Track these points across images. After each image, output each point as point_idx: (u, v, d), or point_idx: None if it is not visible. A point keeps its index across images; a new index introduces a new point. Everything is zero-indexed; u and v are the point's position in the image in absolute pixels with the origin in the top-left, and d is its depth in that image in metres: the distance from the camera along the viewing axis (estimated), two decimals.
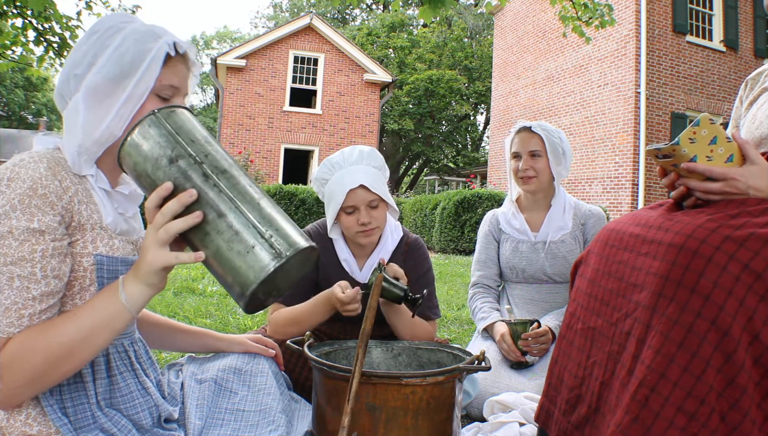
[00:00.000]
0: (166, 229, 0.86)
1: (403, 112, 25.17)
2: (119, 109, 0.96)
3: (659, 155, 1.06)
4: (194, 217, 0.85)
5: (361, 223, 1.56)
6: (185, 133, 0.90)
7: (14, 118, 34.21)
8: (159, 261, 0.88)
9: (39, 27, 4.44)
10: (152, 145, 0.88)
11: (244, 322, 2.91)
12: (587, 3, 5.21)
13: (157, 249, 0.88)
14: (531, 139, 1.99)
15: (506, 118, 14.96)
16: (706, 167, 1.00)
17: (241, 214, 0.85)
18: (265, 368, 1.32)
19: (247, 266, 0.83)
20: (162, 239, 0.87)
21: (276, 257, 0.83)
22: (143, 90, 0.97)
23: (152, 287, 0.92)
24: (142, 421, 1.05)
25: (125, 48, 0.96)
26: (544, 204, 2.07)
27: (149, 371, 1.13)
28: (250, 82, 15.21)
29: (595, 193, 11.62)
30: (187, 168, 0.87)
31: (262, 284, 0.83)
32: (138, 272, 0.91)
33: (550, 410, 1.15)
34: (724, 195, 1.01)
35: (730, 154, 1.02)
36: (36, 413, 0.94)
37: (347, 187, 1.53)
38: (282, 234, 0.86)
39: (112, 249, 0.98)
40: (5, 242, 0.86)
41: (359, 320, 1.41)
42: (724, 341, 0.84)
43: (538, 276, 2.03)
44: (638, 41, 10.87)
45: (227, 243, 0.84)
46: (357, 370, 1.05)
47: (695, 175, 1.03)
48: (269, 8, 43.34)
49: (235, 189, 0.87)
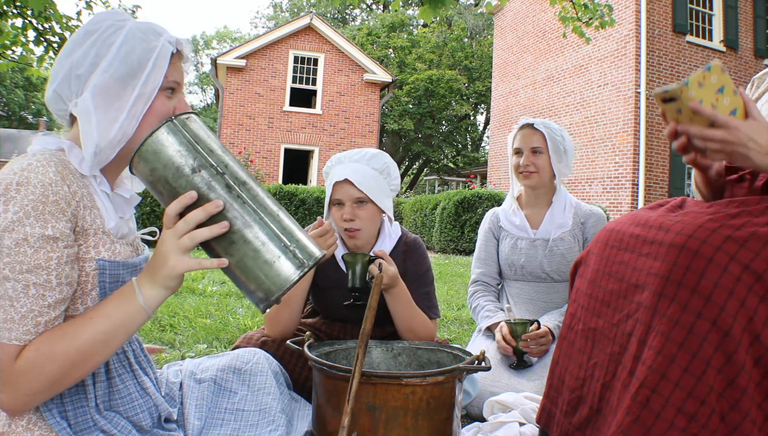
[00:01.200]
0: (192, 237, 0.89)
1: (403, 112, 25.17)
2: (130, 108, 0.96)
3: (665, 99, 1.04)
4: (221, 226, 0.88)
5: (343, 218, 1.59)
6: (203, 143, 0.92)
7: (14, 118, 34.23)
8: (181, 267, 0.90)
9: (39, 27, 4.44)
10: (173, 153, 0.90)
11: (244, 322, 2.91)
12: (587, 3, 5.21)
13: (180, 255, 0.90)
14: (533, 135, 2.01)
15: (506, 118, 14.96)
16: (711, 112, 0.99)
17: (266, 226, 0.90)
18: (265, 368, 1.32)
19: (274, 274, 0.89)
20: (185, 246, 0.89)
21: (300, 266, 0.90)
22: (152, 88, 0.97)
23: (170, 290, 0.94)
24: (142, 422, 1.05)
25: (131, 47, 0.96)
26: (545, 201, 2.08)
27: (147, 368, 1.13)
28: (250, 82, 15.21)
29: (595, 193, 11.62)
30: (211, 178, 0.90)
31: (285, 291, 0.89)
32: (156, 275, 0.92)
33: (552, 411, 1.15)
34: (722, 144, 0.99)
35: (734, 108, 1.01)
36: (36, 418, 0.94)
37: (334, 179, 1.59)
38: (302, 245, 0.92)
39: (114, 254, 0.98)
40: (21, 249, 0.85)
41: (359, 320, 1.41)
42: (725, 342, 0.84)
43: (536, 273, 2.03)
44: (638, 41, 10.87)
45: (254, 253, 0.89)
46: (357, 370, 1.05)
47: (698, 121, 1.01)
48: (269, 8, 43.36)
49: (256, 200, 0.91)
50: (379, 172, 1.63)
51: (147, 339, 2.50)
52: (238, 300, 3.61)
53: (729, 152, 0.99)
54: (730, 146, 0.98)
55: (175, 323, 2.82)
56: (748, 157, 0.98)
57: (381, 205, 1.60)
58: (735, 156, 0.99)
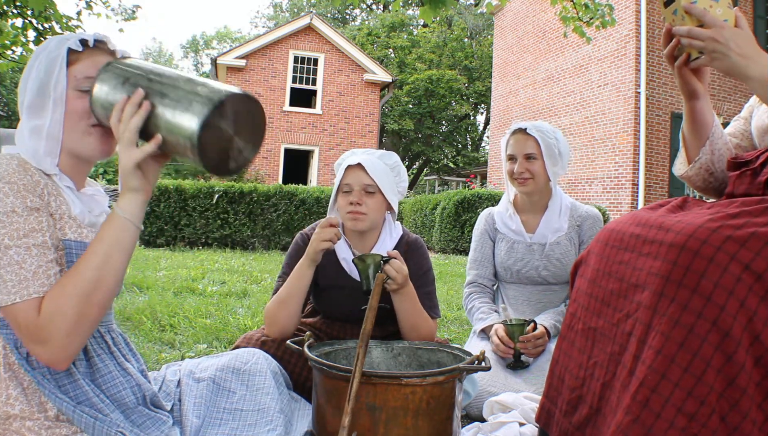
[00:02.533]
0: (128, 128, 0.98)
1: (403, 112, 25.17)
2: (52, 115, 1.06)
3: (666, 1, 1.13)
4: (144, 107, 0.98)
5: (350, 202, 1.60)
6: (133, 65, 1.05)
7: (14, 118, 34.13)
8: (131, 159, 0.99)
9: (39, 27, 4.43)
10: (108, 83, 1.03)
11: (244, 322, 2.91)
12: (588, 3, 5.21)
13: (128, 151, 0.99)
14: (526, 141, 1.98)
15: (506, 118, 14.96)
16: (701, 11, 1.07)
17: (179, 88, 0.97)
18: (264, 368, 1.32)
19: (189, 119, 0.94)
20: (128, 139, 0.98)
21: (209, 101, 0.94)
22: (61, 90, 1.06)
23: (137, 191, 1.02)
24: (125, 399, 1.08)
25: (40, 61, 1.06)
26: (541, 205, 2.07)
27: (129, 357, 1.16)
28: (250, 82, 15.21)
29: (595, 193, 11.61)
30: (136, 80, 1.01)
31: (203, 127, 0.93)
32: (121, 185, 1.02)
33: (551, 410, 1.15)
34: (706, 42, 1.05)
35: (725, 19, 1.08)
36: (17, 393, 0.98)
37: (346, 163, 1.64)
38: (213, 88, 0.96)
39: (81, 236, 1.05)
40: (12, 219, 0.94)
41: (359, 320, 1.41)
42: (725, 342, 0.84)
43: (532, 277, 2.03)
44: (638, 41, 10.87)
45: (172, 114, 0.96)
46: (357, 370, 1.05)
47: (690, 20, 1.09)
48: (269, 8, 43.35)
49: (172, 77, 1.01)
50: (390, 168, 1.67)
51: (147, 339, 2.50)
52: (238, 300, 3.61)
53: (711, 51, 1.06)
54: (713, 44, 1.05)
55: (175, 323, 2.82)
56: (728, 57, 1.04)
57: (388, 197, 1.64)
58: (716, 55, 1.05)
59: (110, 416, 1.03)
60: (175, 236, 7.38)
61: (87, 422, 1.00)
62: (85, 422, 1.00)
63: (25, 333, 0.93)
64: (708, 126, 1.24)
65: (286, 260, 1.71)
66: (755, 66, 1.03)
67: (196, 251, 7.02)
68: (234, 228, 7.53)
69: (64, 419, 1.01)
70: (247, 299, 3.68)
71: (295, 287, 1.56)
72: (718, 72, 1.13)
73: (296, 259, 1.67)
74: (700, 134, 1.24)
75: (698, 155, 1.26)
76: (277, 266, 5.57)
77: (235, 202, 7.56)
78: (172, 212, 7.31)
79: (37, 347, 0.94)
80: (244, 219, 7.57)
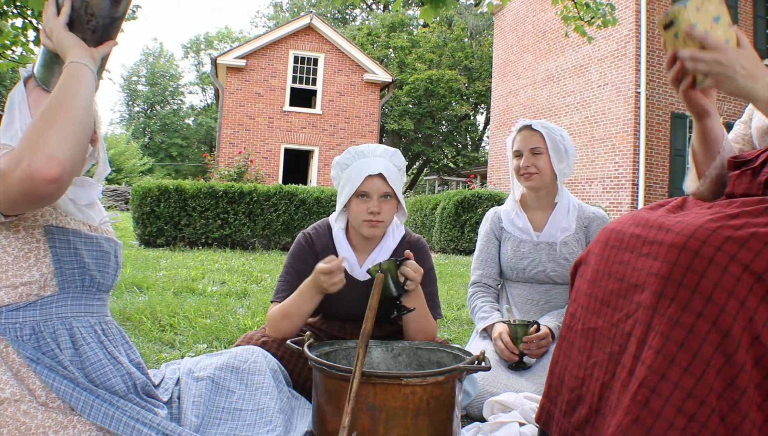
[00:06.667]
0: (48, 12, 1.08)
1: (403, 112, 25.17)
2: (20, 116, 1.13)
3: (666, 24, 1.10)
4: None
5: (370, 211, 1.60)
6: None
7: None
8: (58, 24, 1.07)
9: (39, 27, 4.43)
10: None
11: (244, 322, 2.91)
12: (589, 2, 5.21)
13: (52, 22, 1.07)
14: (532, 136, 1.99)
15: (506, 118, 14.95)
16: (703, 34, 1.04)
17: None
18: (263, 366, 1.32)
19: None
20: (50, 13, 1.08)
21: None
22: (21, 97, 1.16)
23: (76, 45, 1.06)
24: (115, 387, 1.09)
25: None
26: (548, 203, 2.06)
27: (121, 348, 1.17)
28: (250, 82, 15.21)
29: (595, 193, 11.61)
30: None
31: None
32: (62, 51, 1.07)
33: (551, 410, 1.15)
34: (711, 65, 1.03)
35: (727, 39, 1.06)
36: (8, 378, 1.00)
37: (366, 172, 1.59)
38: None
39: (61, 223, 1.08)
40: None
41: (359, 320, 1.41)
42: (725, 342, 0.84)
43: (538, 277, 2.02)
44: (638, 41, 10.87)
45: None
46: (357, 370, 1.05)
47: (692, 43, 1.06)
48: (269, 8, 43.36)
49: None
50: (398, 169, 1.68)
51: (147, 339, 2.50)
52: (238, 300, 3.61)
53: (717, 74, 1.03)
54: (718, 67, 1.02)
55: (175, 323, 2.82)
56: (734, 79, 1.02)
57: (402, 202, 1.66)
58: (722, 78, 1.03)
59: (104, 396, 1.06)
60: (175, 236, 7.38)
61: (86, 400, 1.02)
62: (83, 401, 1.02)
63: (6, 168, 0.92)
64: (719, 142, 1.21)
65: (289, 260, 1.71)
66: (762, 86, 1.01)
67: (196, 251, 7.01)
68: (234, 228, 7.53)
69: (56, 399, 1.03)
70: (247, 299, 3.68)
71: (301, 308, 1.56)
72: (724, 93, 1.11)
73: (299, 258, 1.67)
74: (712, 150, 1.22)
75: (709, 169, 1.24)
76: (277, 266, 5.57)
77: (235, 202, 7.56)
78: (172, 212, 7.31)
79: (18, 165, 0.91)
80: (244, 219, 7.57)
